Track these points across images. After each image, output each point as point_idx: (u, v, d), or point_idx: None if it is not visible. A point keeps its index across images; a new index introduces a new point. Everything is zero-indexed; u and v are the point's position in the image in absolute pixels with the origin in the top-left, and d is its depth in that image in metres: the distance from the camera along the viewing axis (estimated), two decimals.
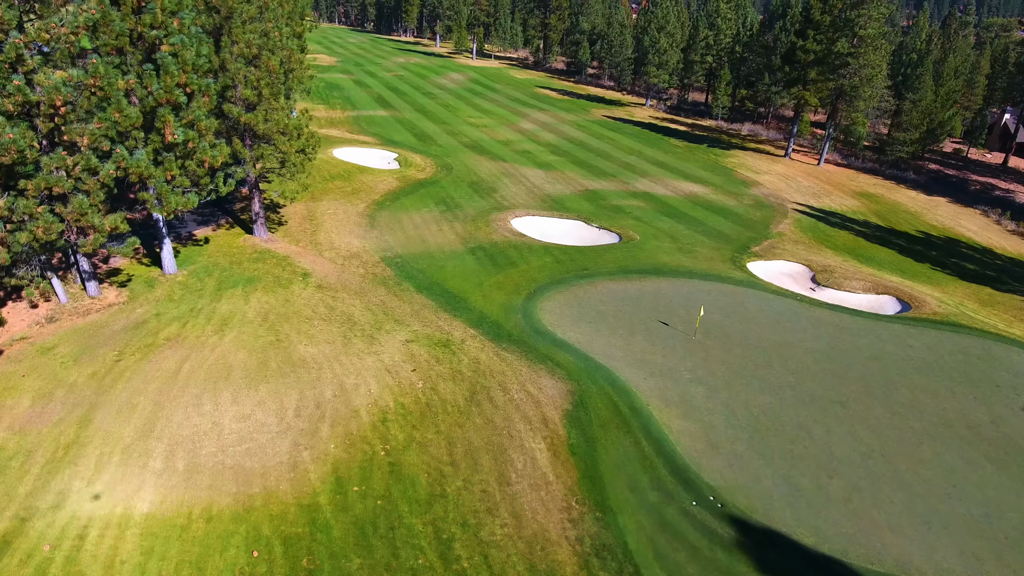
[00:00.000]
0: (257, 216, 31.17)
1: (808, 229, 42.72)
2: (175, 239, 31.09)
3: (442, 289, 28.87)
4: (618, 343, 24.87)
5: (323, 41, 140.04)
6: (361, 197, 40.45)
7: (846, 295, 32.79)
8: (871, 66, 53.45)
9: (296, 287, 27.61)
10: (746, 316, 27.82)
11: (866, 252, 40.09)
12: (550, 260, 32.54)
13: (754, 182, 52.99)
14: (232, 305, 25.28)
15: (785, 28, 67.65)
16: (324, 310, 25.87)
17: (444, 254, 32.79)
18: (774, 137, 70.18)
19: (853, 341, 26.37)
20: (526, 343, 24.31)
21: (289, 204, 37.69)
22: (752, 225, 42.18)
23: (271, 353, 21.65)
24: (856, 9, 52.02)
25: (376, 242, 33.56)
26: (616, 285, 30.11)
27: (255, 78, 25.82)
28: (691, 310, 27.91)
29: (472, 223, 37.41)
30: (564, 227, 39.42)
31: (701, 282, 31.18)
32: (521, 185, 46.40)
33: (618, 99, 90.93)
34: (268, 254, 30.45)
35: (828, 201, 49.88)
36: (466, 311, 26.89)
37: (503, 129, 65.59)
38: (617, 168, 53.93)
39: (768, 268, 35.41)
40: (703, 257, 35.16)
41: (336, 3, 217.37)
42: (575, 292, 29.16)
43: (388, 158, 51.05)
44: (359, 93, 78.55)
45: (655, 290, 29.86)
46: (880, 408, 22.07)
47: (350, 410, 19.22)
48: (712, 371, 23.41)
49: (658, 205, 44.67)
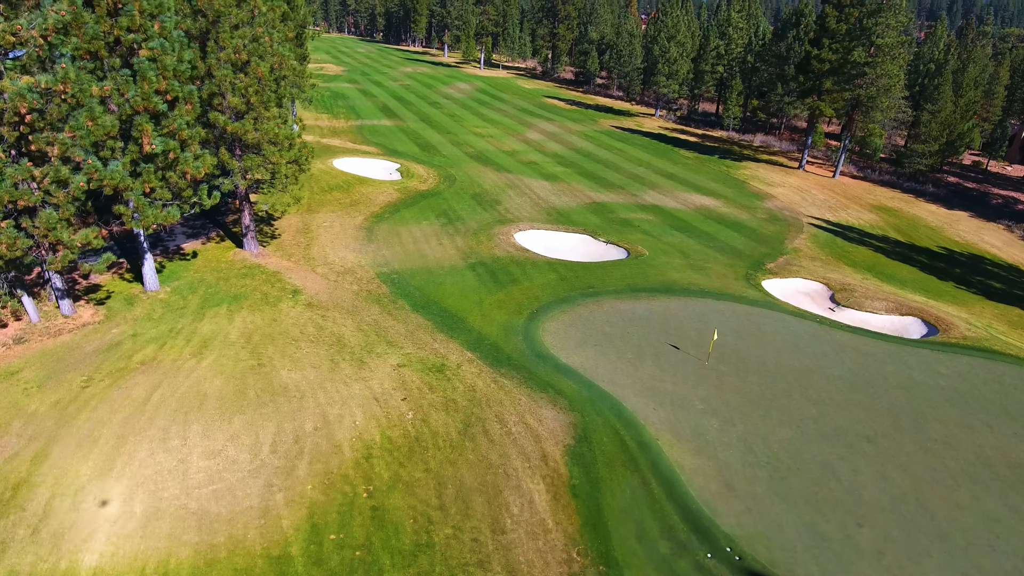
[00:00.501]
0: (247, 229, 29.78)
1: (825, 245, 40.92)
2: (162, 253, 29.76)
3: (439, 308, 27.31)
4: (625, 369, 23.18)
5: (331, 51, 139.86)
6: (359, 209, 39.06)
7: (868, 316, 30.96)
8: (888, 76, 51.72)
9: (285, 305, 26.13)
10: (762, 339, 26.06)
11: (887, 269, 38.22)
12: (554, 277, 30.94)
13: (767, 195, 51.25)
14: (215, 325, 23.81)
15: (799, 37, 66.07)
16: (313, 330, 24.36)
17: (443, 270, 31.26)
18: (787, 148, 68.44)
19: (878, 368, 24.53)
20: (526, 368, 22.67)
21: (282, 217, 36.33)
22: (766, 240, 40.43)
23: (251, 379, 20.11)
24: (873, 17, 50.38)
25: (372, 257, 32.09)
26: (623, 304, 28.45)
27: (243, 85, 24.48)
28: (703, 332, 26.19)
29: (474, 237, 35.90)
30: (570, 241, 37.84)
31: (714, 301, 29.46)
32: (526, 197, 44.91)
33: (627, 109, 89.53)
34: (258, 269, 29.02)
35: (845, 215, 48.04)
36: (464, 332, 25.31)
37: (509, 139, 64.26)
38: (625, 180, 52.37)
39: (784, 286, 33.64)
40: (715, 274, 33.44)
41: (345, 13, 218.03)
42: (580, 312, 27.51)
43: (390, 169, 49.75)
44: (364, 103, 77.57)
45: (665, 310, 28.17)
46: (911, 444, 20.23)
47: (332, 445, 17.62)
48: (727, 401, 21.67)
49: (668, 219, 43.03)
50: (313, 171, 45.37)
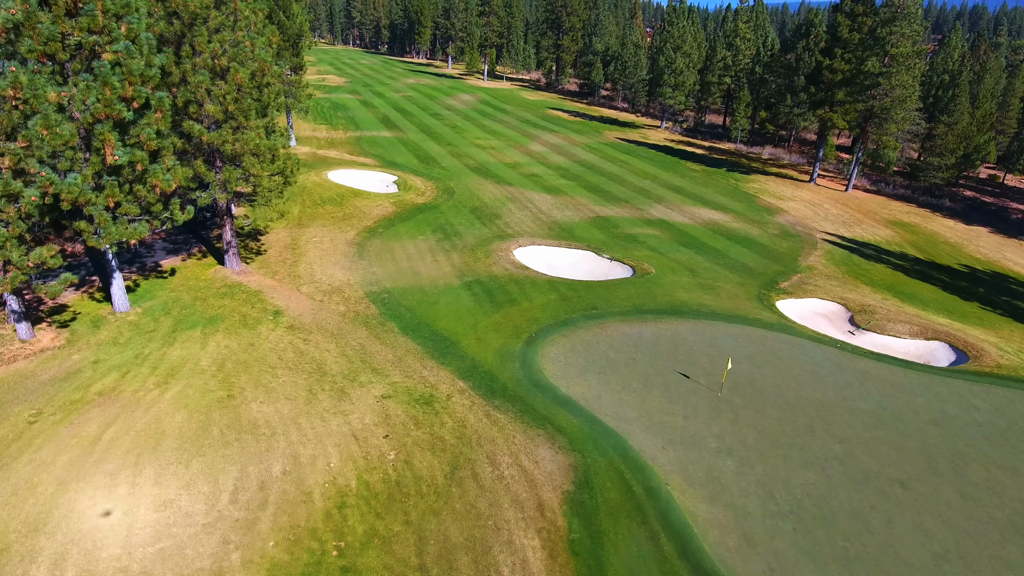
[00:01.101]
0: (228, 246, 28.04)
1: (841, 262, 38.93)
2: (138, 270, 28.04)
3: (431, 331, 25.43)
4: (631, 400, 21.21)
5: (335, 62, 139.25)
6: (352, 223, 37.33)
7: (890, 340, 28.92)
8: (903, 86, 49.92)
9: (264, 328, 24.30)
10: (780, 367, 24.05)
11: (907, 288, 36.18)
12: (555, 297, 29.04)
13: (778, 209, 49.34)
14: (185, 350, 21.98)
15: (808, 47, 64.45)
16: (292, 356, 22.50)
17: (437, 289, 29.41)
18: (797, 161, 66.61)
19: (908, 401, 22.48)
20: (523, 400, 20.72)
21: (269, 232, 34.61)
22: (779, 257, 38.47)
23: (216, 414, 18.22)
24: (887, 26, 48.68)
25: (362, 275, 30.28)
26: (629, 327, 26.51)
27: (220, 93, 22.82)
28: (715, 359, 24.21)
29: (471, 253, 34.07)
30: (572, 258, 35.98)
31: (725, 324, 27.49)
32: (527, 211, 43.13)
33: (632, 121, 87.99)
34: (238, 288, 27.23)
35: (860, 231, 46.07)
36: (456, 358, 23.40)
37: (511, 151, 62.65)
38: (630, 193, 50.57)
39: (800, 308, 31.64)
40: (726, 294, 31.49)
41: (351, 25, 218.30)
42: (582, 336, 25.58)
43: (387, 181, 48.11)
44: (364, 114, 76.23)
45: (673, 334, 26.21)
46: (949, 490, 18.16)
47: (301, 492, 15.68)
48: (743, 438, 19.65)
49: (675, 234, 41.14)
50: (306, 184, 43.79)
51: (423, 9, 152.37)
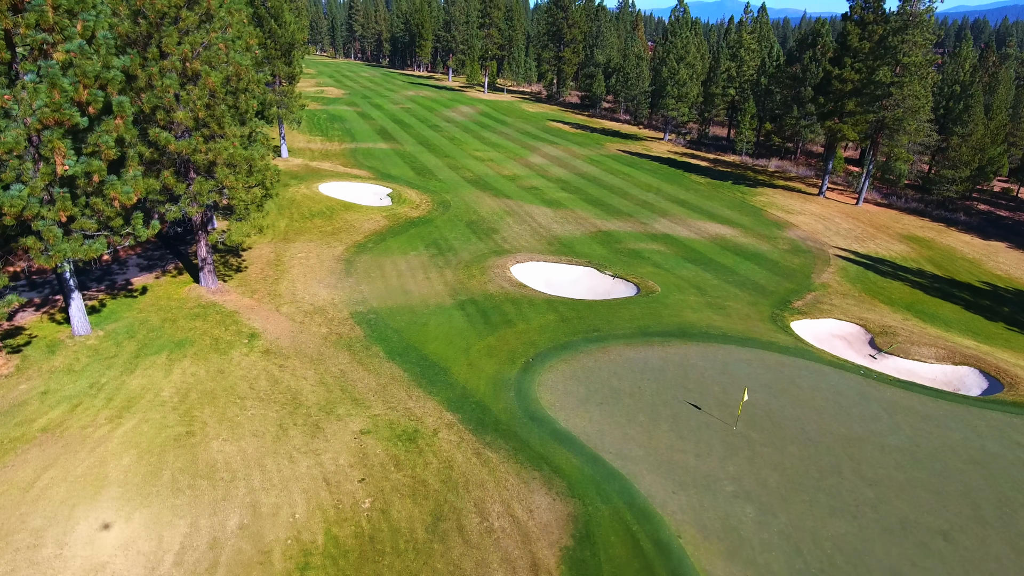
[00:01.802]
0: (204, 262, 26.14)
1: (856, 279, 36.92)
2: (107, 288, 26.14)
3: (419, 355, 23.43)
4: (637, 436, 19.16)
5: (334, 75, 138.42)
6: (341, 238, 35.46)
7: (915, 365, 26.85)
8: (916, 96, 48.19)
9: (237, 353, 22.33)
10: (799, 397, 21.98)
11: (927, 308, 34.13)
12: (554, 318, 27.06)
13: (787, 223, 47.43)
14: (147, 379, 20.00)
15: (815, 58, 62.89)
16: (265, 385, 20.51)
17: (428, 309, 27.46)
18: (804, 174, 64.82)
19: (943, 436, 20.38)
20: (517, 436, 18.68)
21: (252, 247, 32.75)
22: (790, 274, 36.48)
23: (171, 455, 16.21)
24: (899, 35, 47.03)
25: (348, 293, 28.35)
26: (634, 352, 24.49)
27: (189, 99, 21.02)
28: (728, 387, 22.17)
29: (465, 270, 32.14)
30: (572, 275, 34.03)
31: (738, 348, 25.46)
32: (526, 225, 41.25)
33: (634, 133, 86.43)
34: (212, 308, 25.29)
35: (873, 246, 44.11)
36: (445, 387, 21.39)
37: (510, 163, 60.95)
38: (633, 207, 48.72)
39: (816, 329, 29.61)
40: (737, 314, 29.48)
41: (352, 39, 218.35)
42: (583, 361, 23.57)
43: (381, 194, 46.33)
44: (361, 125, 74.73)
45: (682, 359, 24.18)
46: (999, 543, 16.03)
47: (259, 552, 13.63)
48: (763, 480, 17.57)
49: (681, 249, 39.20)
50: (295, 196, 42.03)
51: (424, 22, 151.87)
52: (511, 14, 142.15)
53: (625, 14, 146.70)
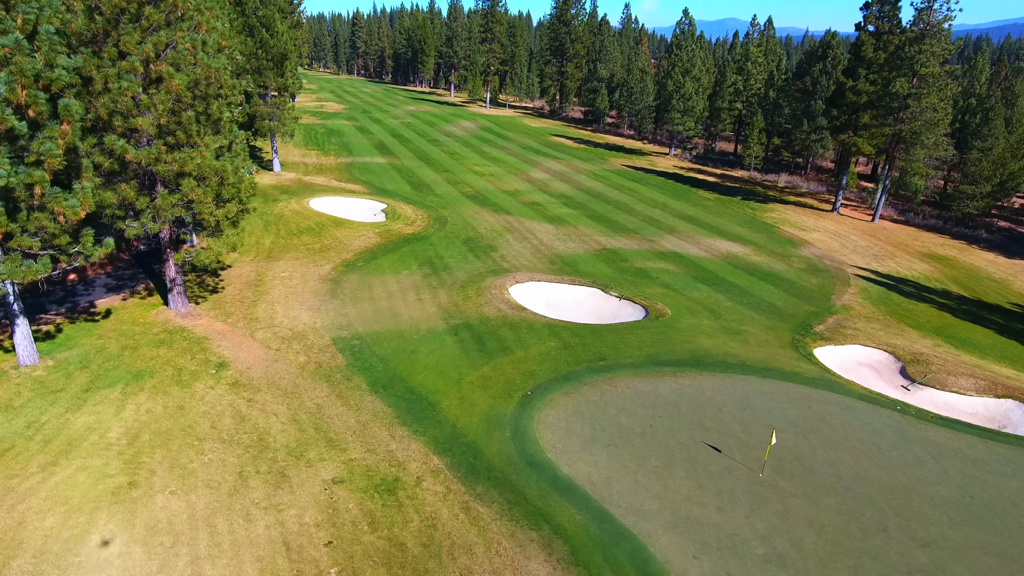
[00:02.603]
0: (172, 283, 23.93)
1: (879, 301, 34.53)
2: (67, 311, 23.93)
3: (406, 388, 21.11)
4: (650, 484, 16.73)
5: (336, 90, 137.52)
6: (329, 256, 33.28)
7: (953, 398, 24.39)
8: (934, 109, 46.11)
9: (201, 385, 20.03)
10: (831, 438, 19.54)
11: (958, 332, 31.69)
12: (556, 345, 24.72)
13: (802, 241, 45.15)
14: (95, 417, 17.70)
15: (826, 70, 61.02)
16: (229, 423, 18.19)
17: (418, 334, 25.16)
18: (816, 189, 62.66)
19: (999, 485, 17.90)
20: (513, 486, 16.29)
21: (232, 265, 30.57)
22: (809, 295, 34.12)
23: (104, 514, 13.85)
24: (916, 44, 45.07)
25: (332, 316, 26.09)
26: (644, 384, 22.11)
27: (150, 103, 18.94)
28: (750, 426, 19.75)
29: (460, 291, 29.88)
30: (576, 296, 31.74)
31: (759, 380, 23.05)
32: (526, 242, 39.05)
33: (639, 148, 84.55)
34: (180, 334, 23.04)
35: (893, 265, 41.76)
36: (433, 425, 19.04)
37: (511, 178, 58.94)
38: (640, 223, 46.53)
39: (842, 357, 27.20)
40: (755, 340, 27.11)
41: (355, 55, 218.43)
42: (588, 394, 21.19)
43: (375, 209, 44.25)
44: (359, 139, 72.99)
45: (697, 392, 21.78)
46: None
47: None
48: (798, 541, 15.10)
49: (691, 268, 36.91)
50: (284, 212, 39.97)
51: (426, 38, 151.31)
52: (513, 30, 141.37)
53: (628, 30, 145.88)
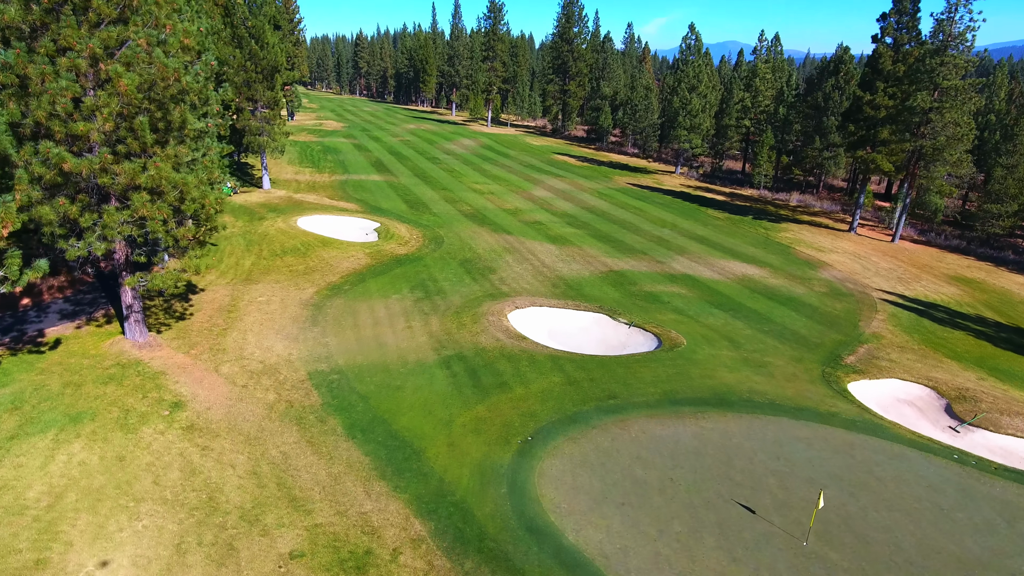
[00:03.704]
0: (129, 310, 21.32)
1: (910, 328, 31.75)
2: (11, 341, 21.29)
3: (388, 432, 18.37)
4: (674, 557, 13.89)
5: (336, 109, 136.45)
6: (313, 278, 30.70)
7: (1011, 442, 21.49)
8: (957, 123, 43.75)
9: (150, 430, 17.31)
10: (883, 496, 16.68)
11: (1000, 364, 28.85)
12: (559, 380, 21.98)
13: (820, 262, 42.50)
14: (15, 471, 14.97)
15: (838, 85, 58.91)
16: (176, 478, 15.43)
17: (405, 367, 22.46)
18: (829, 208, 60.16)
19: None
20: (509, 561, 13.47)
21: (206, 288, 27.99)
22: (834, 322, 31.38)
23: None
24: (938, 56, 42.85)
25: (311, 347, 23.42)
26: (661, 427, 19.32)
27: (93, 106, 16.49)
28: (787, 479, 16.93)
29: (455, 318, 27.22)
30: (581, 322, 29.05)
31: (791, 422, 20.24)
32: (527, 264, 36.47)
33: (643, 166, 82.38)
34: (133, 368, 20.36)
35: (920, 288, 39.03)
36: (417, 479, 16.27)
37: (512, 197, 56.59)
38: (648, 244, 43.97)
39: (879, 392, 24.39)
40: (782, 374, 24.33)
41: (358, 76, 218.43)
42: (597, 440, 18.41)
43: (367, 228, 41.78)
44: (356, 157, 70.93)
45: (722, 437, 18.98)
46: None
47: None
48: None
49: (704, 292, 34.23)
50: (268, 231, 37.51)
51: (428, 57, 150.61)
52: (515, 50, 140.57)
53: (631, 50, 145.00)
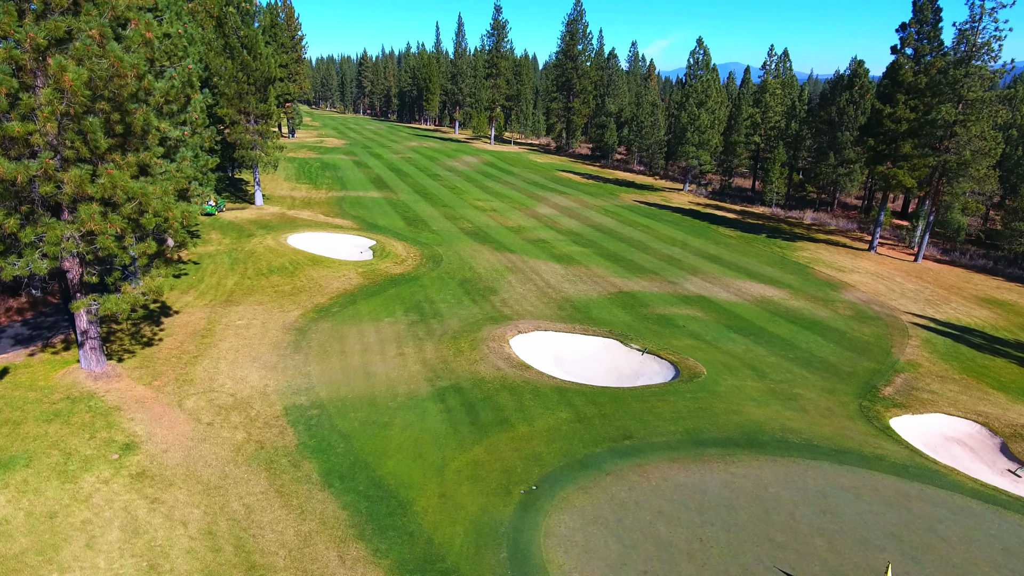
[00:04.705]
0: (84, 336, 19.01)
1: (948, 355, 29.21)
2: None
3: (370, 479, 15.92)
4: None
5: (339, 127, 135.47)
6: (300, 300, 28.42)
7: None
8: (983, 137, 41.56)
9: (93, 478, 14.89)
10: (953, 562, 14.08)
11: None
12: (567, 416, 19.53)
13: (841, 283, 40.06)
14: None
15: (853, 100, 56.93)
16: (115, 540, 12.98)
17: (395, 401, 20.04)
18: (846, 227, 57.82)
19: None
20: None
21: (181, 310, 25.69)
22: (865, 349, 28.86)
23: None
24: (963, 66, 40.81)
25: (290, 377, 21.04)
26: (685, 474, 16.81)
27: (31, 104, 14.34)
28: (836, 540, 14.36)
29: (451, 344, 24.84)
30: (590, 348, 26.64)
31: (833, 467, 17.68)
32: (531, 284, 34.14)
33: (650, 184, 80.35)
34: (84, 403, 17.99)
35: (951, 311, 36.51)
36: (401, 539, 13.78)
37: (515, 214, 54.46)
38: (658, 263, 41.64)
39: (924, 430, 21.82)
40: (815, 408, 21.81)
41: (362, 95, 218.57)
42: (612, 490, 15.91)
43: (362, 246, 39.60)
44: (355, 174, 69.10)
45: (757, 486, 16.44)
46: None
47: None
48: None
49: (721, 315, 31.80)
50: (256, 248, 35.33)
51: (432, 76, 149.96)
52: (519, 68, 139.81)
53: (636, 68, 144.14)
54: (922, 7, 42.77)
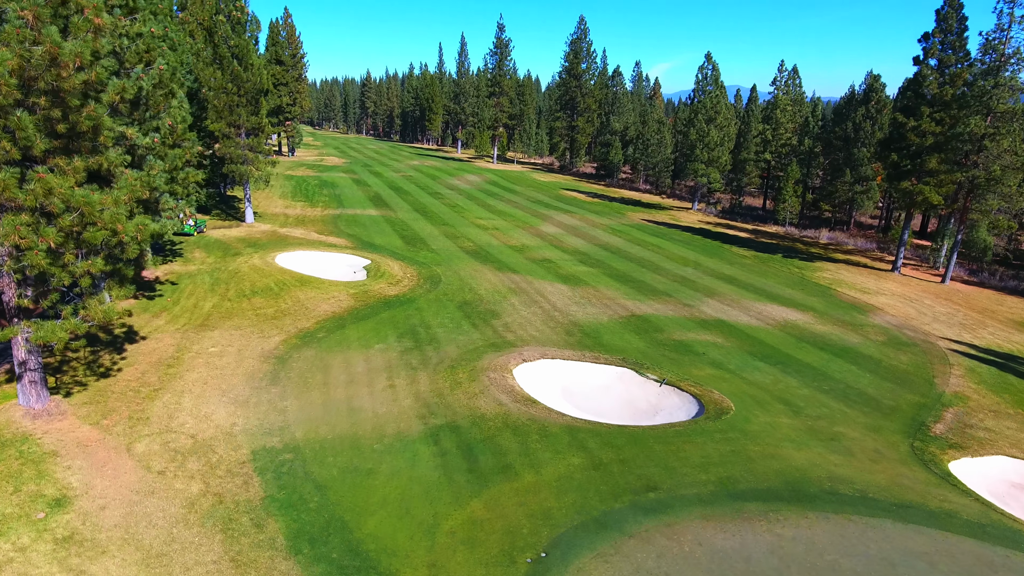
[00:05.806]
0: (23, 368, 16.48)
1: (996, 387, 26.48)
2: None
3: (346, 544, 13.24)
4: None
5: (341, 147, 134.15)
6: (283, 324, 25.91)
7: None
8: (1015, 151, 39.24)
9: (8, 545, 12.28)
10: None
11: None
12: (580, 461, 16.85)
13: (868, 306, 37.44)
14: None
15: (869, 115, 54.80)
16: None
17: (382, 443, 17.41)
18: (864, 247, 55.31)
19: None
20: None
21: (148, 336, 23.16)
22: (905, 379, 26.17)
23: None
24: (992, 76, 38.64)
25: (263, 414, 18.44)
26: (724, 536, 14.07)
27: None
28: None
29: (448, 374, 22.24)
30: (602, 379, 23.99)
31: (897, 527, 14.93)
32: (536, 307, 31.61)
33: (657, 203, 78.13)
34: (15, 446, 15.39)
35: (989, 336, 33.81)
36: None
37: (519, 233, 52.12)
38: (671, 284, 39.11)
39: (987, 475, 19.07)
40: (861, 449, 19.10)
41: (364, 115, 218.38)
42: (637, 558, 13.18)
43: (355, 266, 37.18)
44: (354, 192, 67.04)
45: (810, 553, 13.68)
46: None
47: None
48: None
49: (743, 341, 29.18)
50: (240, 268, 32.91)
51: (434, 95, 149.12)
52: (522, 88, 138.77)
53: (640, 87, 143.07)
54: (946, 16, 40.73)
